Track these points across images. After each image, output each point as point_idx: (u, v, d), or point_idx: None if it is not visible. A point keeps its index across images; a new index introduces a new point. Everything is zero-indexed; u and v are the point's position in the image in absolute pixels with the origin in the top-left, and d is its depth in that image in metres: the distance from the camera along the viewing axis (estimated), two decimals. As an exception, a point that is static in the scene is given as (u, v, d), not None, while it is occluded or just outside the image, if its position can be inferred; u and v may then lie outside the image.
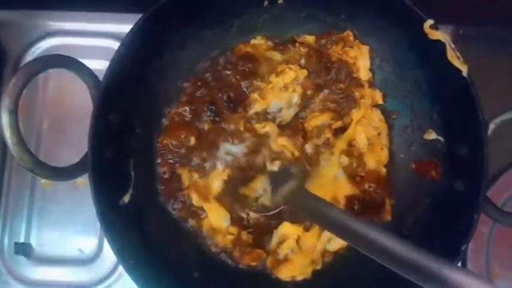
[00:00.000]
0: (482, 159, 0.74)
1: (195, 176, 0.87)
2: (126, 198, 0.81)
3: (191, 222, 0.88)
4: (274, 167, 0.83)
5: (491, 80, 0.90)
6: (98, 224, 0.93)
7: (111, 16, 1.03)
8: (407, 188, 0.87)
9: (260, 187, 0.82)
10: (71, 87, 0.99)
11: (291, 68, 0.88)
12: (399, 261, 0.58)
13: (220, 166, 0.86)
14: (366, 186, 0.87)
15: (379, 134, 0.89)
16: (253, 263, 0.85)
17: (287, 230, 0.85)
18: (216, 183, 0.86)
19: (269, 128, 0.87)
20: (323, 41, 0.91)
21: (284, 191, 0.79)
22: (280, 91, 0.88)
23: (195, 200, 0.87)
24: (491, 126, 0.76)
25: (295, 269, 0.85)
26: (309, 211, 0.76)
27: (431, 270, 0.55)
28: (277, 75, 0.89)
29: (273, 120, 0.88)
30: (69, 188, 0.96)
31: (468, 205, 0.74)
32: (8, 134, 0.65)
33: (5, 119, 0.65)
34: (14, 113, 0.65)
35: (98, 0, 1.01)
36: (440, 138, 0.85)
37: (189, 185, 0.87)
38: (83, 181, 0.92)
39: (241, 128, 0.87)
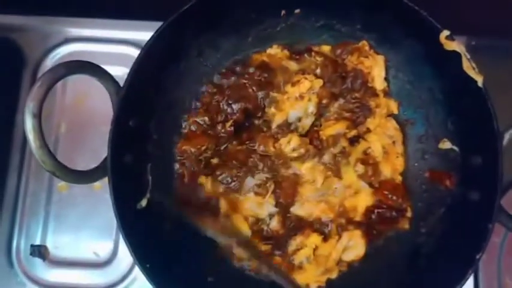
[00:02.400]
0: (497, 170, 0.74)
1: (221, 188, 0.89)
2: (144, 203, 0.82)
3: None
4: None
5: (505, 91, 0.90)
6: (113, 228, 0.97)
7: (128, 23, 1.04)
8: (422, 197, 0.88)
9: None
10: (89, 93, 1.01)
11: (306, 78, 0.89)
12: None
13: (251, 193, 0.88)
14: (384, 194, 0.87)
15: (394, 142, 0.89)
16: (271, 273, 0.86)
17: (307, 238, 0.85)
18: (248, 205, 0.88)
19: (294, 143, 0.87)
20: (339, 51, 0.92)
21: None
22: (296, 100, 0.89)
23: (223, 207, 0.88)
24: (506, 136, 0.76)
25: (308, 277, 0.86)
26: None
27: None
28: (293, 85, 0.89)
29: (296, 129, 0.89)
30: (85, 192, 0.98)
31: (482, 215, 0.75)
32: (31, 137, 0.66)
33: (29, 123, 0.66)
34: (37, 116, 0.66)
35: (117, 8, 1.03)
36: (455, 148, 0.85)
37: (218, 193, 0.89)
38: (100, 185, 0.94)
39: (271, 148, 0.88)
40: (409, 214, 0.88)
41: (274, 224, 0.88)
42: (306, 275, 0.85)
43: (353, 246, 0.86)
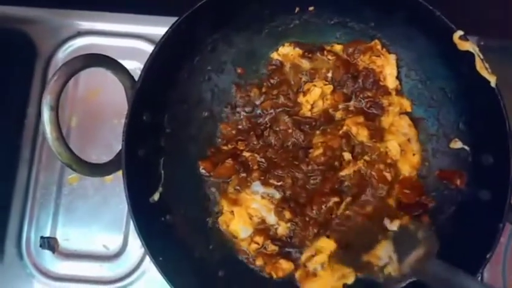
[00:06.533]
0: (509, 170, 0.74)
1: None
2: (156, 197, 0.82)
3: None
4: (394, 226, 0.80)
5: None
6: (123, 221, 0.97)
7: (140, 18, 1.04)
8: (432, 196, 0.88)
9: (385, 254, 0.77)
10: (101, 86, 1.01)
11: (315, 85, 0.90)
12: None
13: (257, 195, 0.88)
14: (403, 192, 0.87)
15: (408, 140, 0.89)
16: (275, 275, 0.86)
17: (322, 244, 0.85)
18: (254, 205, 0.88)
19: None
20: (350, 50, 0.92)
21: (411, 259, 0.74)
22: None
23: (226, 206, 0.88)
24: (518, 137, 0.77)
25: (324, 284, 0.85)
26: (441, 283, 0.71)
27: None
28: (304, 95, 0.91)
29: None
30: (96, 184, 0.98)
31: (493, 214, 0.75)
32: (48, 129, 0.67)
33: (46, 115, 0.67)
34: (54, 109, 0.67)
35: (130, 2, 1.03)
36: (466, 147, 0.86)
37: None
38: (111, 178, 0.94)
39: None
40: (431, 204, 0.88)
41: (281, 230, 0.88)
42: (320, 282, 0.85)
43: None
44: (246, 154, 0.89)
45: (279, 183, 0.87)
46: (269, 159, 0.89)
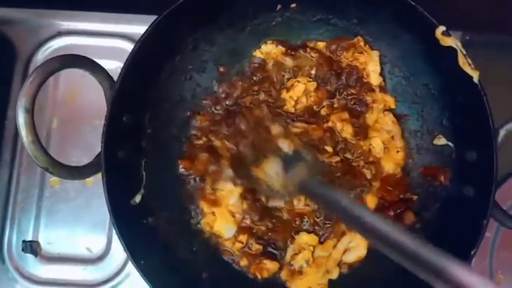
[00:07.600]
0: (492, 166, 0.74)
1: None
2: (137, 199, 0.81)
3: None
4: (287, 148, 0.77)
5: (499, 86, 0.90)
6: (107, 223, 0.97)
7: (121, 17, 1.03)
8: (417, 193, 0.88)
9: (272, 170, 0.75)
10: (81, 87, 1.00)
11: (299, 81, 0.89)
12: (405, 253, 0.56)
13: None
14: (386, 189, 0.87)
15: (392, 137, 0.89)
16: (259, 275, 0.85)
17: (303, 240, 0.85)
18: (232, 199, 0.87)
19: None
20: (333, 47, 0.91)
21: (295, 175, 0.74)
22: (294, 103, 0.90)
23: (206, 207, 0.88)
24: (501, 132, 0.77)
25: (310, 281, 0.85)
26: (319, 199, 0.73)
27: (434, 265, 0.53)
28: (287, 91, 0.90)
29: None
30: (78, 187, 0.97)
31: (477, 210, 0.75)
32: (24, 132, 0.66)
33: (21, 118, 0.65)
34: (30, 111, 0.66)
35: (110, 1, 1.01)
36: (450, 143, 0.85)
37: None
38: (92, 180, 0.93)
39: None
40: (415, 197, 0.88)
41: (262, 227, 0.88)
42: (307, 279, 0.85)
43: (354, 247, 0.86)
44: (217, 143, 0.87)
45: None
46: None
